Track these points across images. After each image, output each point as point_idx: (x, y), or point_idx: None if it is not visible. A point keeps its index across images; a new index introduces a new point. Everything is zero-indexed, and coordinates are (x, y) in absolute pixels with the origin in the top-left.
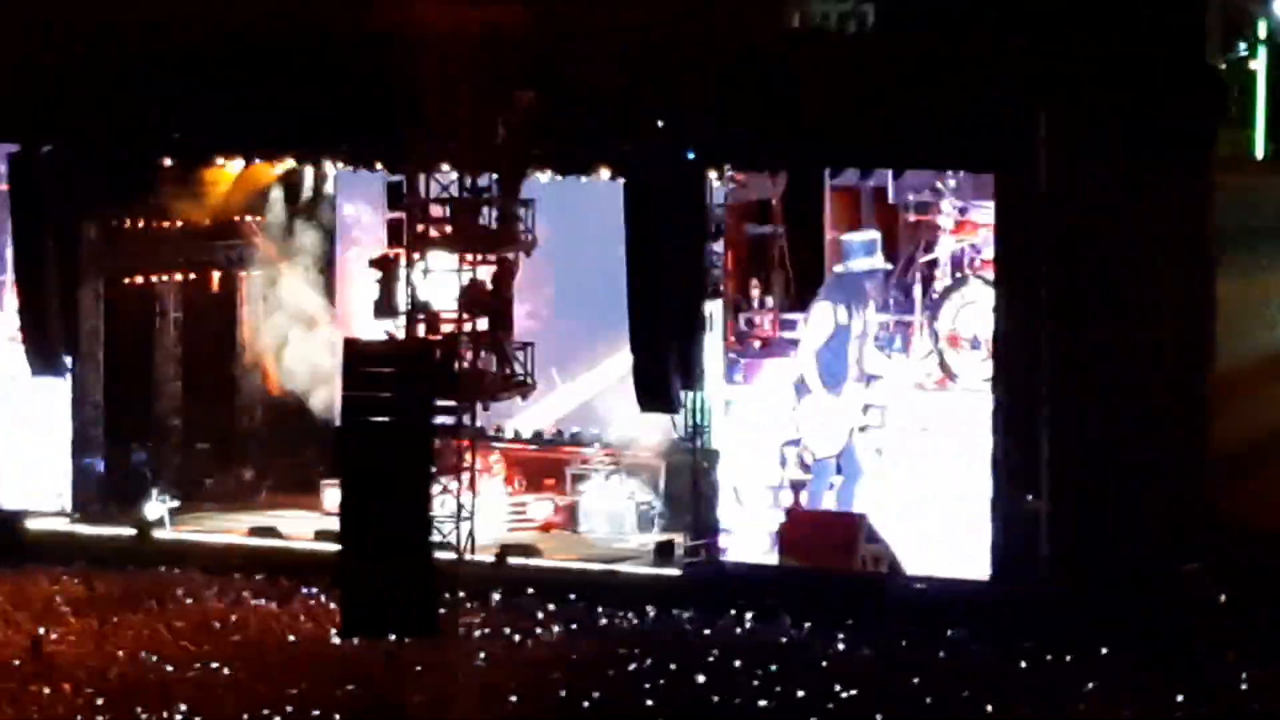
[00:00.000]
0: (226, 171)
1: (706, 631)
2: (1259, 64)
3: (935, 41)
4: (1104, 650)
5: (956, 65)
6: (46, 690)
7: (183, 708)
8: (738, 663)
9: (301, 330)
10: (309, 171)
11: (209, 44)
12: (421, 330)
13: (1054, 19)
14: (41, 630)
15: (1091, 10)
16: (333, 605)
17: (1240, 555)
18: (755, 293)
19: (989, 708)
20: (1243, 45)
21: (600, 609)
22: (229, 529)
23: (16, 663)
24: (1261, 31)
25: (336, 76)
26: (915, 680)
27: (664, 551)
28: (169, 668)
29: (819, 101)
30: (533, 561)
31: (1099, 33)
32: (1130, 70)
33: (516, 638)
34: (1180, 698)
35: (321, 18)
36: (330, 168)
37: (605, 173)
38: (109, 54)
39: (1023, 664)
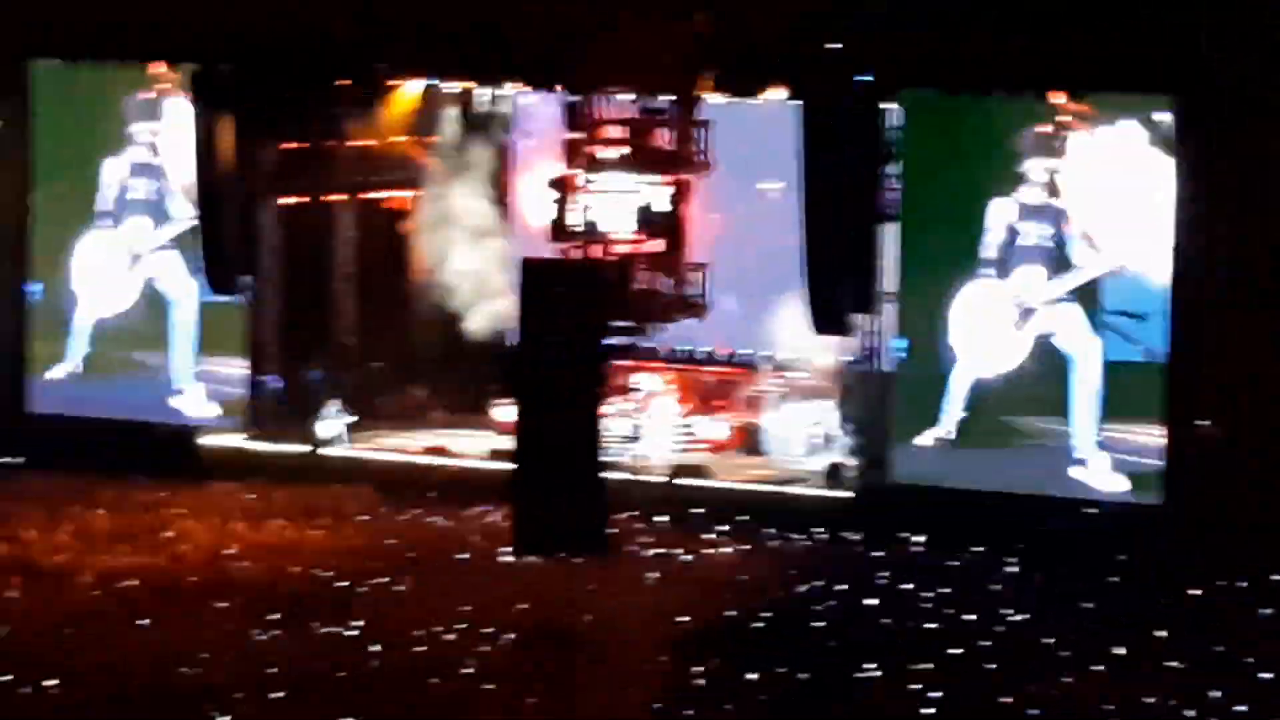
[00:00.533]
0: (403, 92)
1: (877, 554)
2: None
3: None
4: (1277, 576)
5: None
6: (222, 604)
7: (356, 623)
8: (907, 585)
9: (475, 250)
10: (485, 92)
11: None
12: (597, 251)
13: None
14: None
15: None
16: (504, 524)
17: None
18: None
19: (1162, 633)
20: None
21: (770, 530)
22: (402, 447)
23: (193, 578)
24: None
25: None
26: (1087, 605)
27: (835, 474)
28: (343, 583)
29: (998, 22)
30: (703, 482)
31: None
32: None
33: (686, 558)
34: None
35: None
36: (507, 88)
37: (781, 94)
38: None
39: (1196, 591)
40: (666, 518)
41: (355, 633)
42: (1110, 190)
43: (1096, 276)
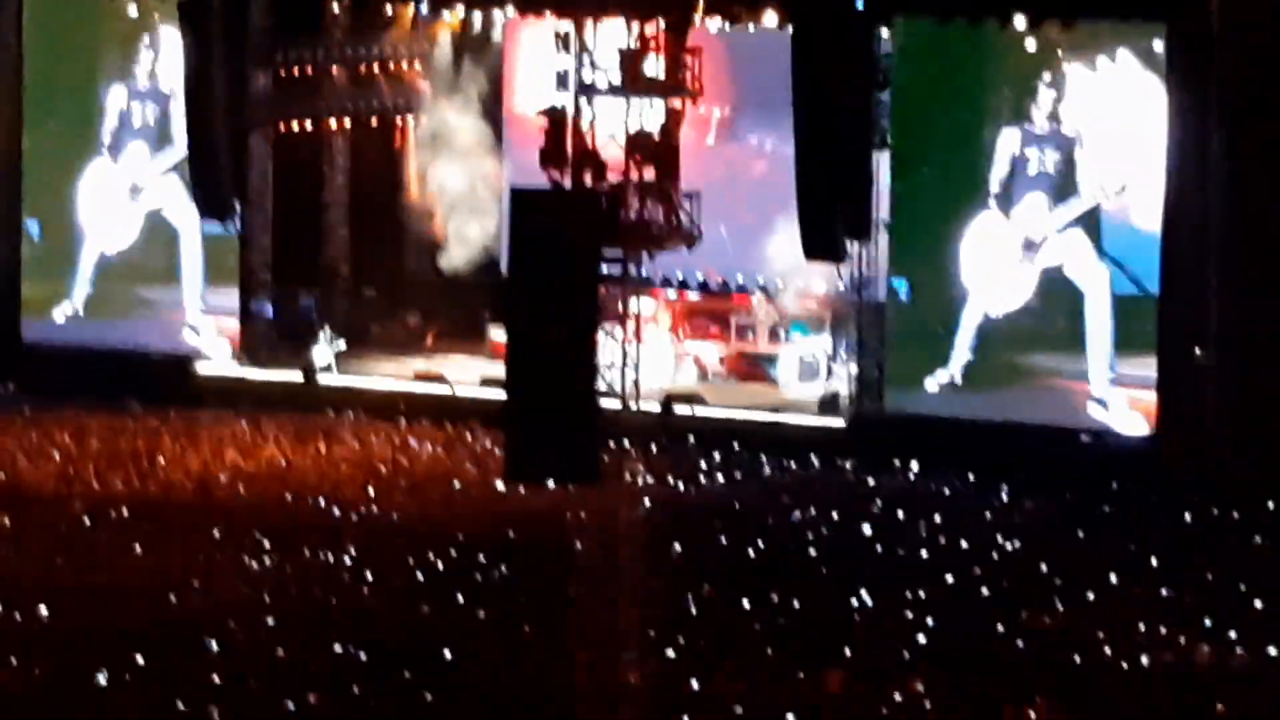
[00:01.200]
0: (396, 17)
1: (870, 482)
2: None
3: None
4: (1271, 505)
5: None
6: (216, 532)
7: (350, 550)
8: (901, 513)
9: (467, 176)
10: (478, 18)
11: None
12: (588, 179)
13: None
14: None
15: None
16: (497, 451)
17: None
18: None
19: (1153, 560)
20: None
21: (764, 458)
22: (395, 374)
23: (186, 505)
24: None
25: None
26: (1079, 533)
27: (828, 402)
28: (336, 510)
29: None
30: (696, 410)
31: None
32: None
33: (679, 486)
34: None
35: None
36: (499, 14)
37: (773, 20)
38: None
39: (1188, 516)
40: (659, 445)
41: (348, 560)
42: (1108, 118)
43: (1099, 204)
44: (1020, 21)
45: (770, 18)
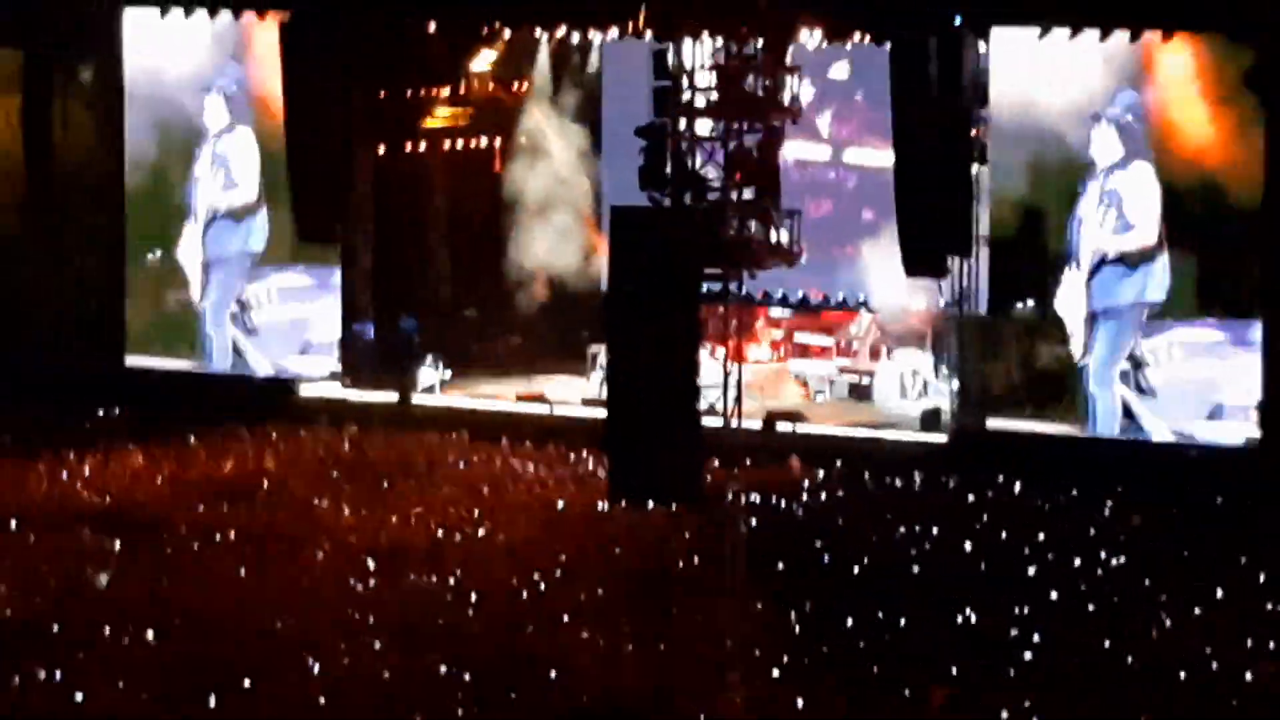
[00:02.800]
0: (493, 37)
1: (972, 498)
2: None
3: None
4: None
5: None
6: (319, 553)
7: (453, 571)
8: (1005, 530)
9: (566, 195)
10: (576, 40)
11: None
12: (688, 198)
13: None
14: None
15: None
16: (599, 472)
17: None
18: None
19: (1261, 576)
20: None
21: (866, 475)
22: (497, 395)
23: (290, 528)
24: None
25: None
26: (1184, 547)
27: (931, 418)
28: (439, 532)
29: None
30: (799, 427)
31: None
32: None
33: (781, 504)
34: None
35: None
36: (597, 36)
37: (869, 38)
38: None
39: None
40: (762, 463)
41: (452, 581)
42: (1200, 133)
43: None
44: (1121, 33)
45: (868, 36)
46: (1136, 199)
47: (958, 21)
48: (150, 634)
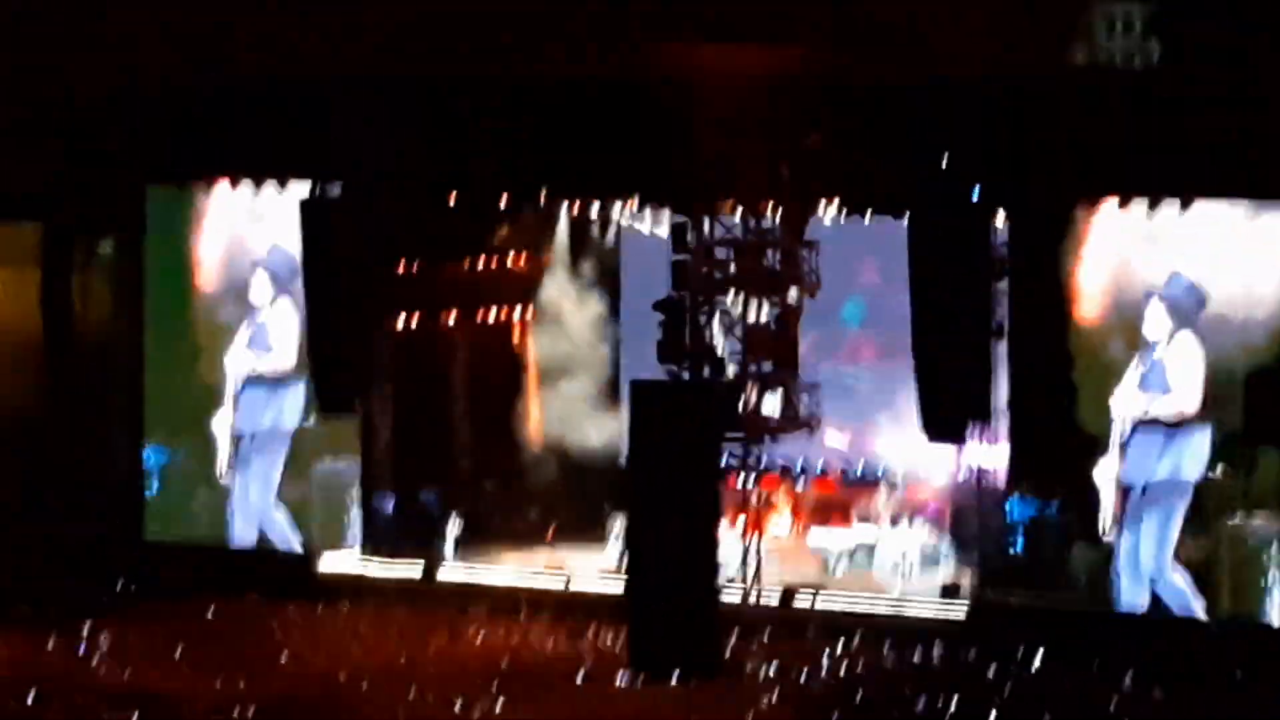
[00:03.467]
0: (512, 210)
1: (992, 672)
2: None
3: (1222, 74)
4: None
5: (1243, 95)
6: None
7: None
8: (1024, 703)
9: (586, 367)
10: (595, 212)
11: (496, 87)
12: (706, 371)
13: None
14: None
15: None
16: (619, 646)
17: None
18: None
19: None
20: None
21: (886, 648)
22: (516, 567)
23: (309, 703)
24: None
25: (623, 120)
26: None
27: (950, 591)
28: (459, 705)
29: (1106, 137)
30: (818, 601)
31: None
32: None
33: (801, 677)
34: None
35: (607, 63)
36: (616, 210)
37: (888, 214)
38: (398, 96)
39: None
40: (781, 637)
41: None
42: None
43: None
44: (1139, 204)
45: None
46: (1180, 366)
47: (975, 196)
48: None
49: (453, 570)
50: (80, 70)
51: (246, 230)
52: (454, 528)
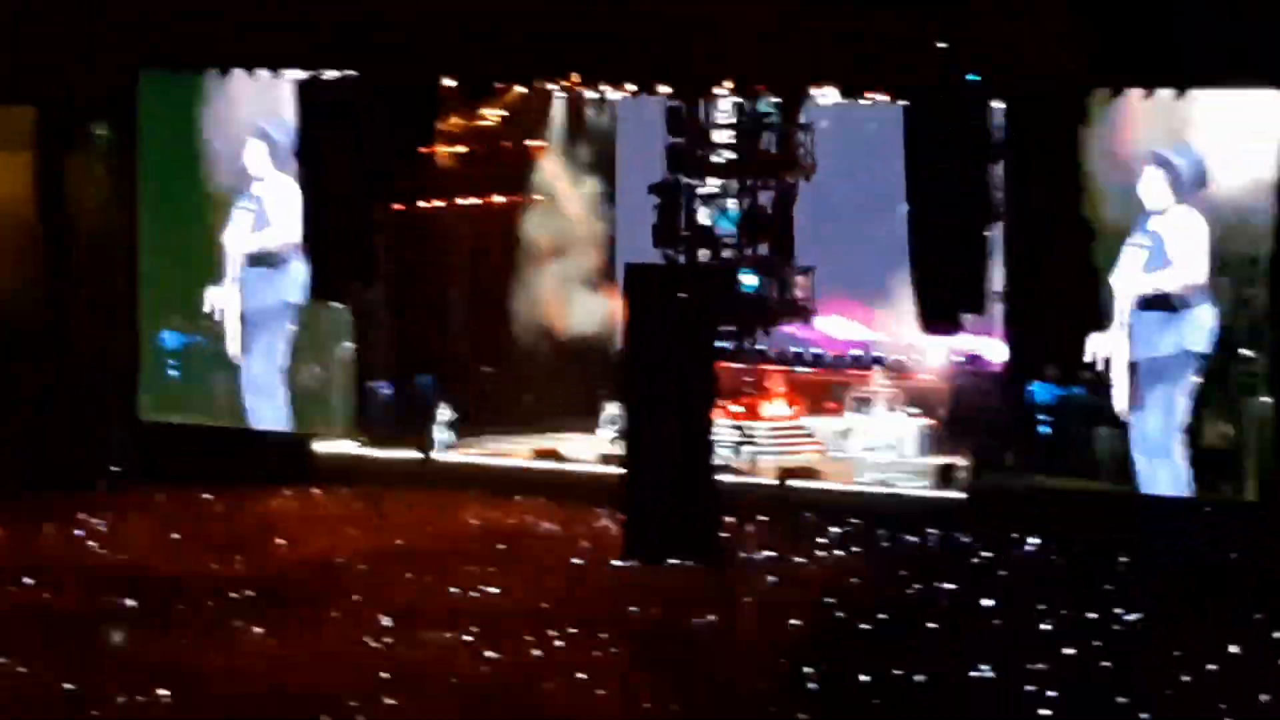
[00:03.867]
0: (510, 95)
1: (988, 555)
2: None
3: None
4: None
5: None
6: (334, 613)
7: (470, 629)
8: (1020, 586)
9: (582, 253)
10: (590, 96)
11: None
12: (702, 255)
13: None
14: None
15: None
16: (614, 529)
17: None
18: None
19: (1275, 631)
20: None
21: (881, 531)
22: (512, 451)
23: (305, 585)
24: None
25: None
26: (1201, 602)
27: (946, 474)
28: (454, 589)
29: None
30: (813, 484)
31: None
32: None
33: (796, 560)
34: None
35: None
36: (611, 93)
37: (885, 96)
38: None
39: None
40: (777, 520)
41: (469, 639)
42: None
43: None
44: (1135, 90)
45: (884, 94)
46: (1181, 239)
47: (973, 78)
48: (163, 691)
49: (448, 454)
50: None
51: (244, 113)
52: (450, 412)
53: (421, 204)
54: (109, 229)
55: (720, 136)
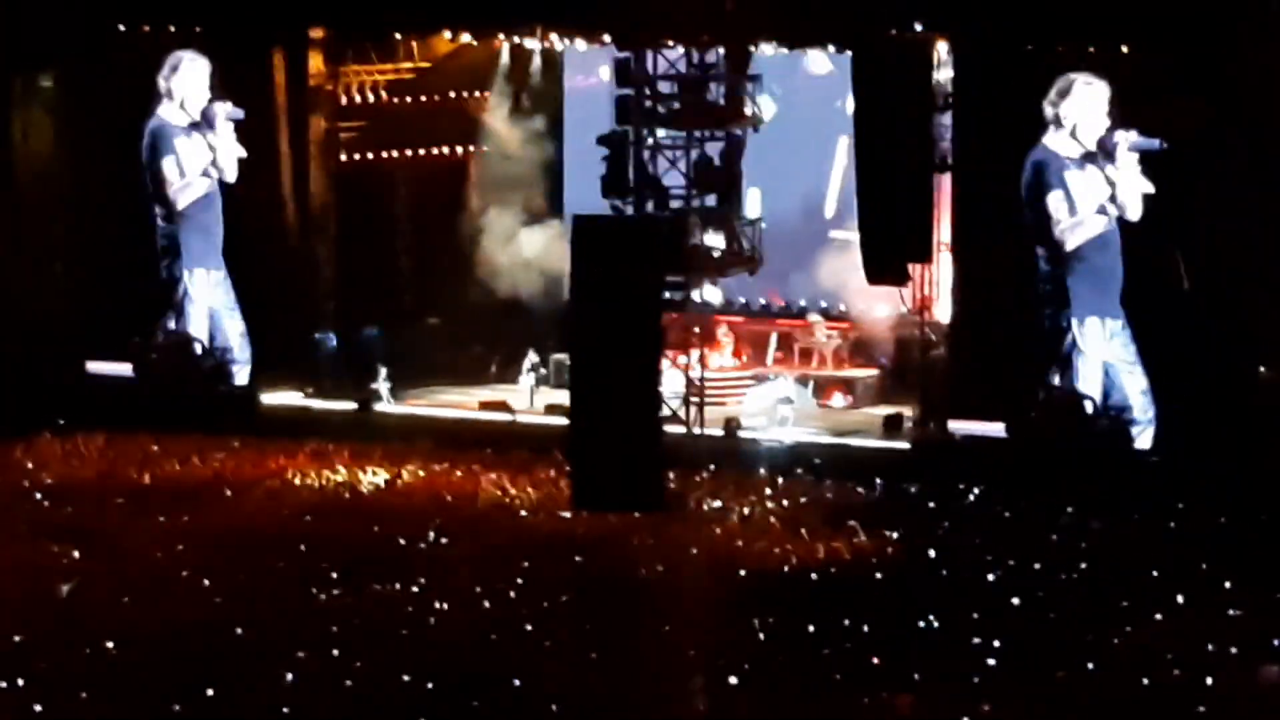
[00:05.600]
0: (455, 45)
1: (934, 505)
2: None
3: None
4: None
5: None
6: (282, 564)
7: (417, 579)
8: (966, 536)
9: (528, 204)
10: (537, 47)
11: None
12: (650, 207)
13: None
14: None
15: None
16: (562, 480)
17: None
18: None
19: (1226, 584)
20: None
21: (828, 482)
22: (459, 403)
23: (251, 537)
24: None
25: None
26: (1146, 553)
27: (893, 424)
28: (402, 541)
29: None
30: (760, 435)
31: None
32: None
33: (744, 511)
34: None
35: None
36: (559, 43)
37: (830, 46)
38: None
39: (1265, 539)
40: (724, 470)
41: (416, 590)
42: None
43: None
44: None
45: (829, 44)
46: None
47: (919, 28)
48: (111, 644)
49: (394, 406)
50: None
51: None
52: (395, 364)
53: (368, 156)
54: (55, 175)
55: (668, 88)
